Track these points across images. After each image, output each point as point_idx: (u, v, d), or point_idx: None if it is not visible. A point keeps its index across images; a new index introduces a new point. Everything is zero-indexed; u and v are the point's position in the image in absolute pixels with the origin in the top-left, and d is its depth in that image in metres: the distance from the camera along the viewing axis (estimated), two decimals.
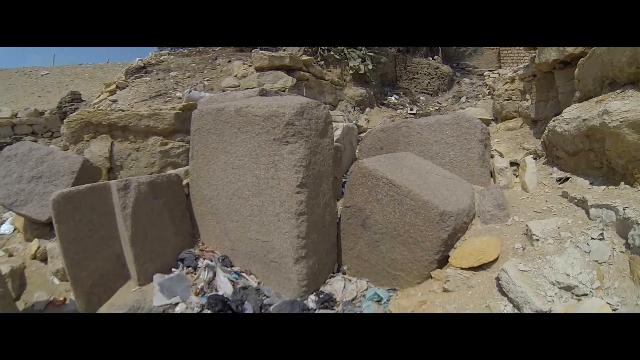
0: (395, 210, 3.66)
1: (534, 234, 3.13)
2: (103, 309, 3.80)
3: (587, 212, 3.07)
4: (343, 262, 4.16)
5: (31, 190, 4.33)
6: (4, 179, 4.33)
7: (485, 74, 8.69)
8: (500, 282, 2.82)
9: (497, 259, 3.22)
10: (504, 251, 3.28)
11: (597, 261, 2.59)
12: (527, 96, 5.10)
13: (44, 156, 4.43)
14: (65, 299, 4.08)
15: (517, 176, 4.72)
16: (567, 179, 3.93)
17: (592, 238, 2.76)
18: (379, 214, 3.77)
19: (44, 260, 4.42)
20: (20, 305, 4.02)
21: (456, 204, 3.64)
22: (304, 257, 3.56)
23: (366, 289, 3.90)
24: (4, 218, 5.15)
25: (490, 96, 6.83)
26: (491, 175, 4.71)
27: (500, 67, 8.96)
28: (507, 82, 5.54)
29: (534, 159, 4.63)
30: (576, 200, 3.36)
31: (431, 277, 3.53)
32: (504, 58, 9.36)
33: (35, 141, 7.48)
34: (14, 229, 4.93)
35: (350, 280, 3.98)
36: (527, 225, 3.32)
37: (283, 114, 3.35)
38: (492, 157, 4.90)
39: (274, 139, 3.40)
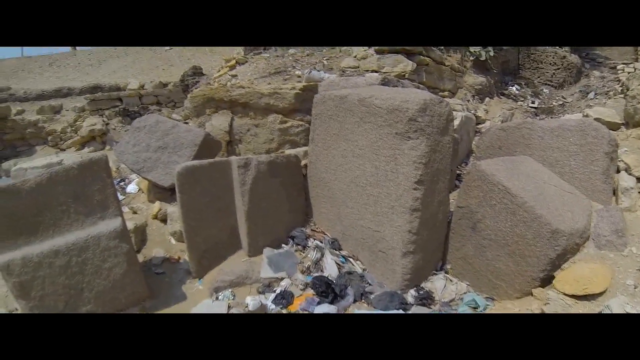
0: (507, 219, 3.55)
1: None
2: (213, 273, 4.12)
3: None
4: (447, 261, 4.13)
5: (157, 159, 4.71)
6: (134, 147, 4.76)
7: (618, 67, 7.72)
8: None
9: (604, 292, 3.03)
10: (613, 284, 3.08)
11: None
12: None
13: (170, 129, 4.80)
14: (179, 258, 4.47)
15: None
16: None
17: None
18: (491, 220, 3.68)
19: (164, 221, 4.85)
20: (140, 258, 4.43)
21: (571, 223, 3.45)
22: (412, 252, 3.59)
23: (465, 292, 3.86)
24: (130, 179, 5.72)
25: (622, 95, 6.13)
26: (614, 193, 4.35)
27: (637, 60, 7.89)
28: None
29: None
30: None
31: (532, 295, 3.43)
32: None
33: (160, 110, 8.16)
34: (139, 189, 5.47)
35: (451, 280, 3.95)
36: None
37: (407, 109, 3.36)
38: (617, 172, 4.51)
39: (396, 133, 3.43)
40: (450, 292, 3.83)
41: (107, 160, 3.78)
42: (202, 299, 3.89)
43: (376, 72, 5.22)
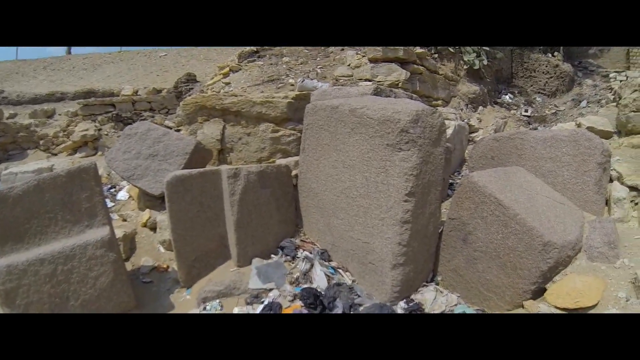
0: (499, 231, 3.52)
1: None
2: (202, 282, 4.08)
3: None
4: (438, 273, 4.09)
5: (147, 166, 4.68)
6: (125, 154, 4.73)
7: (610, 75, 7.77)
8: None
9: (596, 304, 2.99)
10: (605, 297, 3.04)
11: None
12: None
13: (161, 136, 4.77)
14: (168, 267, 4.42)
15: (635, 207, 4.31)
16: None
17: None
18: (482, 232, 3.65)
19: (153, 229, 4.81)
20: (128, 267, 4.40)
21: (562, 235, 3.43)
22: (402, 264, 3.55)
23: (455, 304, 3.82)
24: (121, 186, 5.67)
25: (615, 104, 6.15)
26: (606, 204, 4.34)
27: (628, 68, 7.95)
28: (636, 90, 4.96)
29: None
30: None
31: (522, 307, 3.38)
32: (634, 57, 8.19)
33: (153, 116, 8.13)
34: (129, 197, 5.42)
35: (442, 292, 3.92)
36: (636, 273, 3.05)
37: (398, 120, 3.32)
38: (610, 181, 4.50)
39: (387, 144, 3.39)
40: (441, 304, 3.79)
41: (96, 168, 3.76)
42: (190, 309, 3.87)
43: (370, 81, 5.20)
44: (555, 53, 9.07)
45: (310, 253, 4.13)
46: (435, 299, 3.84)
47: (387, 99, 3.94)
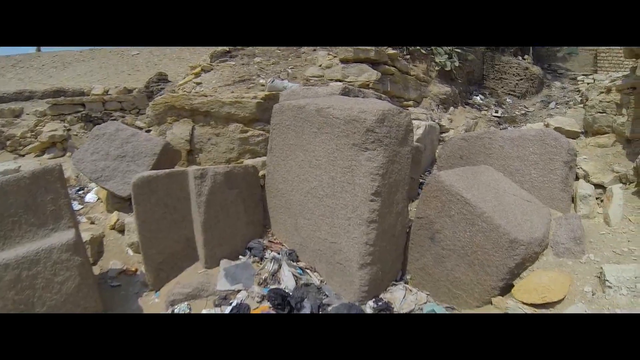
0: (466, 229, 3.55)
1: (607, 280, 2.93)
2: (170, 285, 4.02)
3: None
4: (407, 271, 4.11)
5: (115, 168, 4.59)
6: (92, 155, 4.62)
7: (578, 78, 7.97)
8: None
9: (562, 299, 3.05)
10: (571, 292, 3.10)
11: None
12: (624, 111, 4.65)
13: (129, 137, 4.68)
14: (136, 270, 4.34)
15: (600, 203, 4.39)
16: None
17: None
18: (449, 231, 3.67)
19: (122, 231, 4.71)
20: (96, 270, 4.32)
21: (529, 232, 3.48)
22: (369, 264, 3.54)
23: (425, 302, 3.84)
24: (89, 187, 5.54)
25: (582, 105, 6.30)
26: (572, 201, 4.41)
27: (596, 72, 8.17)
28: (602, 92, 5.05)
29: (623, 183, 4.27)
30: None
31: (491, 304, 3.42)
32: (601, 61, 8.43)
33: (124, 117, 7.96)
34: (97, 199, 5.30)
35: (411, 290, 3.93)
36: (602, 268, 3.11)
37: (364, 120, 3.30)
38: (576, 180, 4.57)
39: (353, 144, 3.38)
40: (410, 303, 3.80)
41: (61, 169, 3.65)
42: (158, 312, 3.79)
43: (340, 81, 5.18)
44: (526, 56, 9.25)
45: (278, 254, 4.10)
46: (404, 298, 3.85)
47: (354, 99, 3.92)
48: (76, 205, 5.33)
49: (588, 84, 7.07)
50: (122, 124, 5.01)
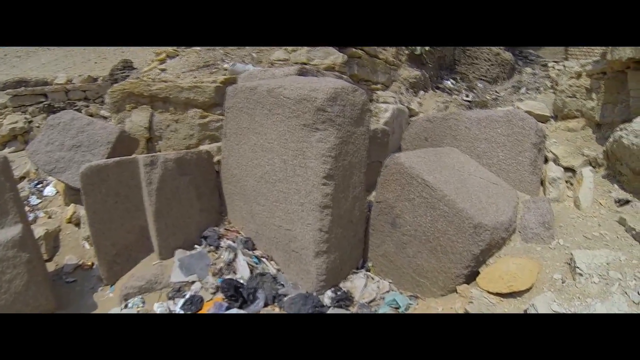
0: (427, 213, 3.40)
1: (577, 267, 2.79)
2: (124, 278, 3.88)
3: None
4: (369, 259, 3.96)
5: (70, 158, 4.40)
6: (47, 146, 4.42)
7: (549, 64, 7.94)
8: None
9: (530, 288, 2.91)
10: (540, 279, 2.96)
11: None
12: (594, 95, 4.55)
13: (85, 126, 4.48)
14: (92, 264, 4.19)
15: (570, 187, 4.28)
16: (627, 201, 3.47)
17: None
18: (409, 215, 3.52)
19: (78, 224, 4.56)
20: (51, 267, 4.18)
21: (495, 216, 3.32)
22: (325, 252, 3.39)
23: (387, 291, 3.71)
24: (48, 181, 5.35)
25: (552, 90, 6.23)
26: (542, 184, 4.29)
27: (566, 59, 8.14)
28: (573, 77, 4.95)
29: (593, 167, 4.16)
30: (634, 232, 2.95)
31: (456, 292, 3.29)
32: (572, 49, 8.48)
33: (87, 106, 7.71)
34: (56, 192, 5.12)
35: (373, 278, 3.79)
36: (572, 254, 2.96)
37: (315, 99, 3.12)
38: (545, 162, 4.45)
39: (303, 125, 3.20)
40: (371, 292, 3.66)
41: (7, 161, 3.47)
42: (112, 307, 3.66)
43: (306, 64, 5.00)
44: None
45: (234, 242, 3.94)
46: (365, 286, 3.71)
47: (308, 78, 3.74)
48: (34, 200, 5.16)
49: (558, 70, 7.01)
50: (77, 112, 4.79)
